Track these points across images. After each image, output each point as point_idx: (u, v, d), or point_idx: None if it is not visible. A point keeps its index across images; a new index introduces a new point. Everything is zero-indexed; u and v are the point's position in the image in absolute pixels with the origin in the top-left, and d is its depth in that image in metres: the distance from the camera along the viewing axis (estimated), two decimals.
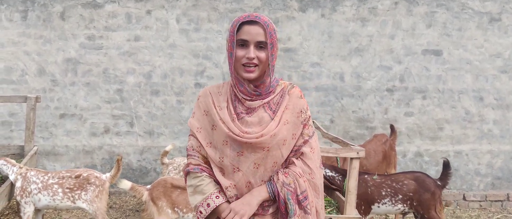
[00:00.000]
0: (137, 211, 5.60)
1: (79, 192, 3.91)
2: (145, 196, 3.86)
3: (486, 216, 5.88)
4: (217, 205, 1.86)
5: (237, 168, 1.86)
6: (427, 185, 3.93)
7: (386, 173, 5.12)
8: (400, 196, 3.94)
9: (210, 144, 1.93)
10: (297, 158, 1.90)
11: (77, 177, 3.94)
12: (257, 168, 1.86)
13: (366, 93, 6.29)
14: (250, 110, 1.91)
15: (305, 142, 1.91)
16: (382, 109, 6.33)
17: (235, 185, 1.87)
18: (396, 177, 4.05)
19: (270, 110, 1.90)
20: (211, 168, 1.93)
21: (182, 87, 6.17)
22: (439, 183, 4.00)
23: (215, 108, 1.93)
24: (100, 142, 6.17)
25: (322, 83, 6.22)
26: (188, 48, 6.13)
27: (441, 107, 6.39)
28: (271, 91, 1.93)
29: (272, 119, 1.89)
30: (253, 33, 1.84)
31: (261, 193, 1.85)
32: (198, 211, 1.90)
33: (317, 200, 1.90)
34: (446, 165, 4.05)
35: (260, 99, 1.91)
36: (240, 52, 1.84)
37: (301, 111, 1.92)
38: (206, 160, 1.96)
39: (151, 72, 6.14)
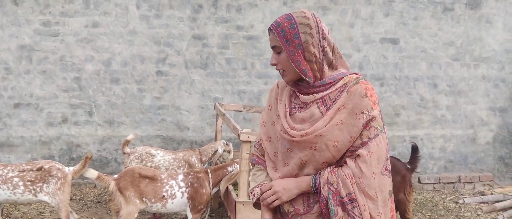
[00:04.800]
0: (99, 202, 5.48)
1: (41, 184, 3.77)
2: (112, 186, 3.79)
3: (440, 198, 6.17)
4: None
5: (287, 163, 1.83)
6: (397, 168, 4.08)
7: None
8: None
9: (270, 138, 1.90)
10: (352, 159, 1.73)
11: (38, 169, 3.80)
12: (304, 164, 1.78)
13: None
14: (303, 105, 1.80)
15: (363, 143, 1.70)
16: None
17: (281, 178, 1.85)
18: None
19: (324, 107, 1.75)
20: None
21: (143, 75, 6.06)
22: (409, 166, 4.16)
23: (277, 102, 1.90)
24: (57, 132, 5.97)
25: None
26: (149, 35, 6.01)
27: (398, 94, 6.61)
28: (329, 84, 1.76)
29: (323, 117, 1.74)
30: (270, 41, 1.82)
31: (303, 183, 1.78)
32: (252, 194, 1.99)
33: (372, 206, 1.71)
34: (415, 149, 4.21)
35: (313, 93, 1.77)
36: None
37: (362, 112, 1.69)
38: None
39: (110, 60, 5.98)
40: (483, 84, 6.81)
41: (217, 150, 4.94)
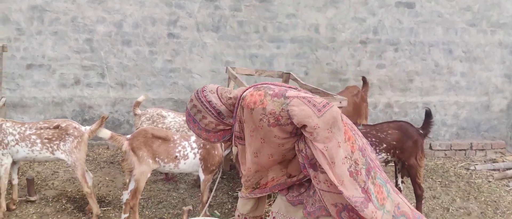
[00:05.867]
0: (111, 163, 5.55)
1: (58, 142, 3.81)
2: (125, 145, 3.81)
3: (451, 164, 6.15)
4: None
5: None
6: (410, 133, 4.05)
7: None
8: (384, 145, 4.04)
9: None
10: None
11: (55, 127, 3.83)
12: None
13: (340, 45, 6.32)
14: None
15: (291, 124, 1.95)
16: (355, 61, 6.40)
17: None
18: (380, 127, 4.15)
19: (241, 140, 2.10)
20: None
21: (154, 37, 6.02)
22: (421, 131, 4.13)
23: None
24: (70, 93, 6.00)
25: (298, 35, 6.20)
26: None
27: (412, 60, 6.52)
28: (231, 124, 2.13)
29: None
30: None
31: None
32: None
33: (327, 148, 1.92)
34: (428, 114, 4.17)
35: (228, 140, 2.18)
36: None
37: (260, 120, 1.94)
38: None
39: (122, 21, 5.94)
40: (500, 51, 6.68)
41: None
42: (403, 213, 1.98)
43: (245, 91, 2.04)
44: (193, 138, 4.01)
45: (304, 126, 1.87)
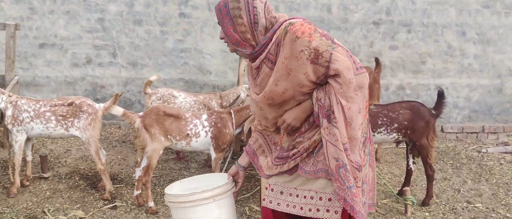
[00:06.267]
0: (123, 142, 5.60)
1: (72, 119, 3.84)
2: (138, 123, 3.83)
3: (462, 147, 6.13)
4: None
5: (266, 117, 2.13)
6: (421, 113, 4.03)
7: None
8: (396, 125, 4.03)
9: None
10: (331, 78, 1.93)
11: (69, 105, 3.86)
12: (280, 116, 2.09)
13: (352, 26, 6.28)
14: (256, 70, 2.07)
15: (327, 67, 1.89)
16: (368, 42, 6.36)
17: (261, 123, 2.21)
18: (392, 107, 4.13)
19: (271, 63, 2.00)
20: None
21: (166, 17, 6.01)
22: (433, 112, 4.10)
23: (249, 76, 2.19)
24: (82, 73, 6.04)
25: (310, 15, 6.16)
26: None
27: (425, 41, 6.45)
28: (264, 44, 1.99)
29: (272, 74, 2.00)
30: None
31: (307, 106, 2.01)
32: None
33: (350, 106, 1.94)
34: (441, 95, 4.14)
35: (257, 57, 2.02)
36: None
37: (301, 51, 1.89)
38: None
39: (133, 0, 5.94)
40: None
41: (239, 95, 4.94)
42: (366, 181, 2.09)
43: (292, 18, 2.02)
44: (205, 116, 4.02)
45: (336, 76, 1.89)
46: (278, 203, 2.07)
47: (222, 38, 2.07)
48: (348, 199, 1.89)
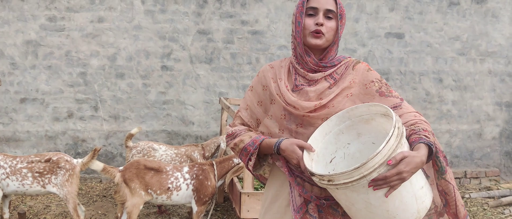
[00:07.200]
0: (104, 196, 5.50)
1: (49, 176, 3.79)
2: (118, 177, 3.80)
3: None
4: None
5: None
6: None
7: None
8: None
9: (271, 117, 1.90)
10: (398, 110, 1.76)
11: (47, 161, 3.82)
12: None
13: None
14: (311, 82, 1.84)
15: (395, 107, 1.75)
16: None
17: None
18: None
19: (332, 80, 1.82)
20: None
21: (148, 70, 6.07)
22: None
23: (274, 82, 1.89)
24: (63, 127, 6.00)
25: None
26: (154, 30, 6.02)
27: (403, 89, 6.59)
28: (335, 64, 1.85)
29: (332, 89, 1.80)
30: (323, 1, 1.84)
31: (422, 150, 1.55)
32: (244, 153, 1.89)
33: None
34: None
35: (322, 71, 1.83)
36: (309, 21, 1.82)
37: (372, 81, 1.80)
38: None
39: (115, 55, 6.00)
40: (489, 79, 6.77)
41: (219, 145, 4.94)
42: None
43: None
44: (186, 168, 4.00)
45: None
46: None
47: (321, 25, 1.81)
48: None
